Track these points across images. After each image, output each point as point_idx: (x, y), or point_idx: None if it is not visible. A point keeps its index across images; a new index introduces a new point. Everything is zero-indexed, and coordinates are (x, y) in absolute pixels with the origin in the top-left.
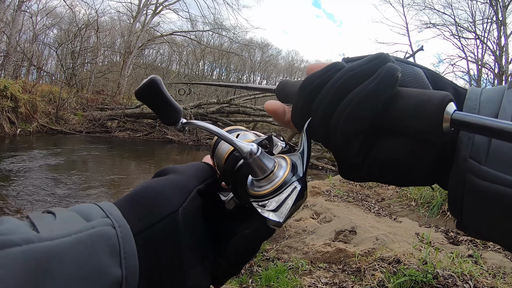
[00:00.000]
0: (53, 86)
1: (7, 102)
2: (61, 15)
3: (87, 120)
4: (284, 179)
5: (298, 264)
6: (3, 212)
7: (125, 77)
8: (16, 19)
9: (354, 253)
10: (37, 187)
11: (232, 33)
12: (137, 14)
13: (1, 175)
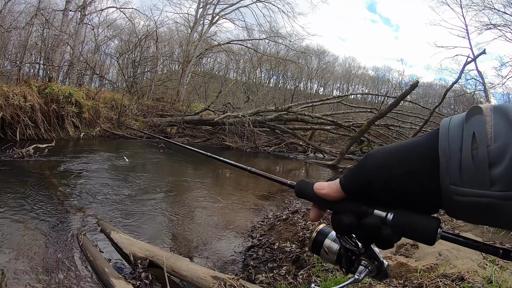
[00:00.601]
0: (115, 93)
1: (72, 108)
2: (121, 27)
3: (148, 126)
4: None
5: None
6: (66, 211)
7: (184, 85)
8: (79, 31)
9: (416, 268)
10: (99, 188)
11: (288, 40)
12: (195, 24)
13: (65, 175)
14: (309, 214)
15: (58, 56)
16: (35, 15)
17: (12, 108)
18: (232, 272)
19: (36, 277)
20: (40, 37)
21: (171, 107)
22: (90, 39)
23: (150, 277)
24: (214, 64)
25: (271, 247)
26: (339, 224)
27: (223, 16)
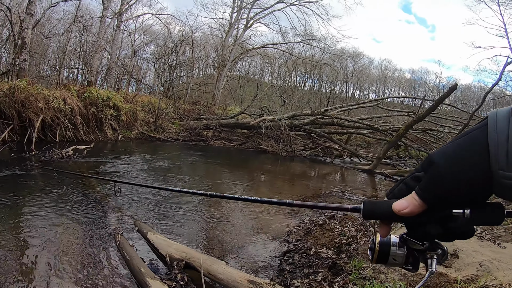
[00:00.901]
0: (152, 97)
1: (110, 111)
2: (157, 32)
3: (184, 129)
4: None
5: (396, 285)
6: (104, 211)
7: (220, 89)
8: (116, 37)
9: (455, 279)
10: (136, 189)
11: (323, 43)
12: (229, 29)
13: (104, 176)
14: (346, 219)
15: (96, 61)
16: (73, 22)
17: (52, 111)
18: (267, 277)
19: (74, 274)
20: (78, 43)
21: (207, 111)
22: (127, 44)
23: (186, 279)
24: (249, 68)
25: (307, 252)
26: (428, 235)
27: (257, 20)
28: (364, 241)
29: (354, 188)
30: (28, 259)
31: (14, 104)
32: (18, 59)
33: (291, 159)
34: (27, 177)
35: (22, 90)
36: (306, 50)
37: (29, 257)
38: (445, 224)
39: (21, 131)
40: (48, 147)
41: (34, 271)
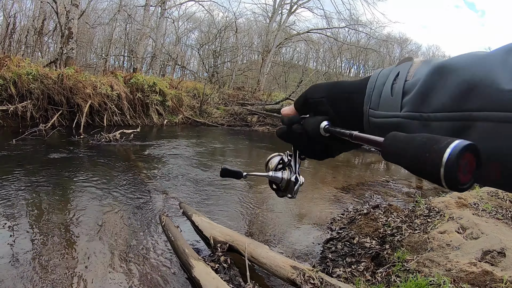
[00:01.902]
0: (197, 83)
1: (156, 96)
2: (200, 19)
3: (229, 114)
4: (286, 179)
5: (440, 280)
6: (149, 192)
7: (264, 75)
8: (160, 25)
9: (501, 278)
10: (181, 172)
11: (368, 28)
12: (273, 14)
13: (149, 159)
14: (391, 210)
15: (142, 49)
16: (118, 12)
17: (99, 97)
18: (310, 263)
19: (119, 253)
20: (123, 31)
21: (251, 96)
22: (171, 31)
23: (229, 261)
24: (293, 54)
25: (351, 241)
26: (292, 134)
27: (301, 5)
28: (409, 232)
29: (399, 178)
30: (77, 238)
31: (63, 90)
32: (65, 48)
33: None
34: (75, 160)
35: (70, 77)
36: (351, 35)
37: (78, 237)
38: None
39: (70, 116)
40: (96, 131)
41: (82, 250)
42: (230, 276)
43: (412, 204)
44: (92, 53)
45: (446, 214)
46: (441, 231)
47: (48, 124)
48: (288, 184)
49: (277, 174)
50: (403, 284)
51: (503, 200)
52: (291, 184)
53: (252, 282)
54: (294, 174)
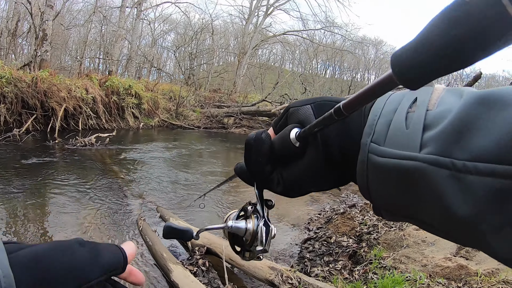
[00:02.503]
0: (173, 85)
1: (131, 99)
2: (177, 21)
3: (205, 117)
4: (252, 228)
5: (416, 276)
6: (126, 197)
7: (240, 76)
8: (136, 26)
9: (476, 272)
10: (157, 176)
11: (344, 30)
12: (249, 16)
13: (125, 163)
14: (367, 208)
15: (117, 51)
16: (93, 13)
17: (74, 100)
18: (288, 264)
19: None
20: (98, 33)
21: (228, 98)
22: (147, 33)
23: (207, 264)
24: (269, 55)
25: (328, 240)
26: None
27: (277, 7)
28: (385, 230)
29: None
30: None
31: (37, 94)
32: (39, 51)
33: None
34: (50, 165)
35: (44, 80)
36: (327, 37)
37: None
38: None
39: (44, 120)
40: (71, 135)
41: None
42: (208, 279)
43: None
44: (67, 56)
45: None
46: (417, 228)
47: (22, 128)
48: (255, 234)
49: (239, 224)
50: (380, 280)
51: None
52: (259, 232)
53: (230, 284)
54: (262, 219)
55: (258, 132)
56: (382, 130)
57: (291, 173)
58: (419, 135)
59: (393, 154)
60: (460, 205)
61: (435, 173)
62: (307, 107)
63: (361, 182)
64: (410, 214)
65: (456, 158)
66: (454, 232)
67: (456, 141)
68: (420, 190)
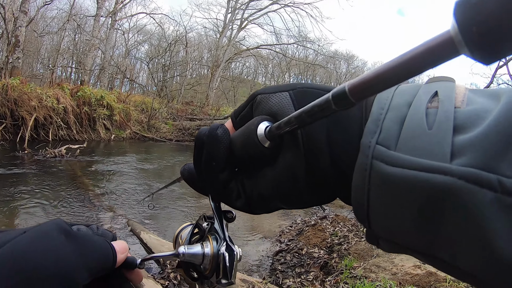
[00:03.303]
0: (145, 97)
1: (103, 111)
2: (151, 32)
3: (177, 129)
4: (212, 254)
5: (386, 284)
6: (96, 210)
7: (213, 89)
8: (109, 36)
9: (445, 278)
10: (128, 189)
11: (317, 45)
12: (223, 30)
13: (96, 175)
14: (337, 220)
15: (90, 60)
16: (67, 21)
17: (45, 110)
18: (260, 276)
19: None
20: (72, 41)
21: (200, 111)
22: (121, 43)
23: (179, 278)
24: (243, 69)
25: (299, 252)
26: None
27: (251, 21)
28: (355, 241)
29: None
30: None
31: (7, 102)
32: (11, 57)
33: None
34: (19, 176)
35: (15, 88)
36: (299, 51)
37: None
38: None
39: (14, 130)
40: (41, 146)
41: None
42: None
43: None
44: (39, 63)
45: None
46: None
47: None
48: (216, 263)
49: (193, 250)
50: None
51: None
52: (222, 261)
53: None
54: (223, 242)
55: (212, 127)
56: (393, 129)
57: (256, 184)
58: (448, 138)
59: (411, 163)
60: (510, 245)
61: (474, 195)
62: (283, 94)
63: (358, 199)
64: (426, 250)
65: (504, 175)
66: (494, 280)
67: (503, 152)
68: (449, 219)
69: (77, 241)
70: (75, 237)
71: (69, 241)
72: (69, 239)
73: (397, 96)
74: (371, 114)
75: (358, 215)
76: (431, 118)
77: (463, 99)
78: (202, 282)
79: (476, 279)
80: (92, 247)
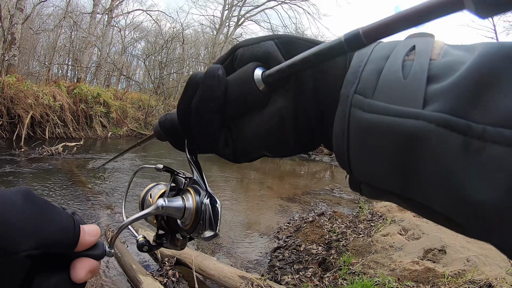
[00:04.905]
0: (142, 94)
1: (100, 108)
2: (147, 29)
3: None
4: (195, 206)
5: (385, 280)
6: (94, 207)
7: None
8: (106, 33)
9: (443, 274)
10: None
11: None
12: (220, 26)
13: (93, 173)
14: (335, 216)
15: (86, 58)
16: (63, 18)
17: (41, 107)
18: (258, 273)
19: None
20: (68, 39)
21: None
22: (117, 41)
23: (177, 275)
24: None
25: (297, 248)
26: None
27: (248, 18)
28: (353, 237)
29: (344, 185)
30: None
31: (3, 100)
32: (7, 55)
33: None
34: (15, 174)
35: (11, 86)
36: None
37: None
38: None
39: (10, 128)
40: (37, 143)
41: None
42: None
43: (356, 210)
44: (35, 61)
45: (388, 217)
46: (384, 234)
47: None
48: (198, 213)
49: (175, 203)
50: (350, 286)
51: None
52: (207, 211)
53: None
54: (205, 193)
55: (213, 67)
56: (370, 79)
57: (246, 129)
58: (422, 87)
59: (386, 109)
60: (478, 185)
61: (444, 139)
62: (268, 42)
63: (339, 146)
64: (402, 191)
65: (473, 120)
66: (463, 220)
67: (473, 99)
68: (421, 160)
69: (34, 205)
70: (33, 201)
71: (25, 203)
72: (26, 201)
73: (376, 51)
74: (351, 67)
75: (339, 160)
76: (407, 69)
77: (439, 52)
78: (172, 241)
79: (450, 221)
80: (51, 215)
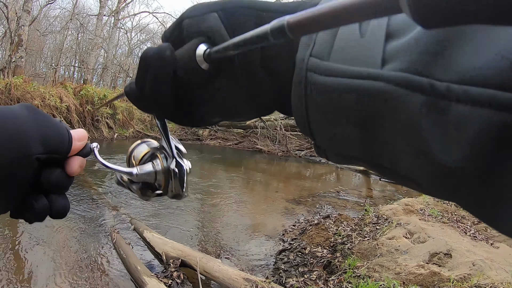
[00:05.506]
0: None
1: (106, 109)
2: (154, 31)
3: (180, 128)
4: (163, 171)
5: (390, 284)
6: (100, 209)
7: None
8: (112, 35)
9: (449, 278)
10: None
11: None
12: None
13: (99, 174)
14: (341, 219)
15: (93, 59)
16: (70, 20)
17: (48, 109)
18: (263, 275)
19: (69, 272)
20: (75, 40)
21: None
22: (124, 42)
23: (182, 277)
24: None
25: (302, 251)
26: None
27: None
28: (358, 240)
29: (349, 188)
30: (22, 258)
31: (10, 101)
32: (14, 56)
33: (286, 159)
34: None
35: (18, 87)
36: None
37: (23, 256)
38: None
39: None
40: None
41: (28, 270)
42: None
43: (361, 212)
44: (42, 62)
45: (394, 220)
46: (390, 237)
47: None
48: (167, 177)
49: (146, 169)
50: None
51: (449, 205)
52: (172, 175)
53: None
54: (171, 159)
55: (161, 47)
56: (326, 40)
57: (196, 102)
58: (380, 44)
59: (343, 71)
60: (443, 147)
61: (406, 100)
62: (212, 15)
63: (298, 112)
64: (367, 156)
65: (436, 78)
66: (430, 183)
67: (435, 56)
68: (382, 124)
69: (37, 116)
70: (36, 112)
71: (30, 112)
72: (30, 112)
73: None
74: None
75: (300, 127)
76: (365, 27)
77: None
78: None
79: (416, 183)
80: (50, 124)
